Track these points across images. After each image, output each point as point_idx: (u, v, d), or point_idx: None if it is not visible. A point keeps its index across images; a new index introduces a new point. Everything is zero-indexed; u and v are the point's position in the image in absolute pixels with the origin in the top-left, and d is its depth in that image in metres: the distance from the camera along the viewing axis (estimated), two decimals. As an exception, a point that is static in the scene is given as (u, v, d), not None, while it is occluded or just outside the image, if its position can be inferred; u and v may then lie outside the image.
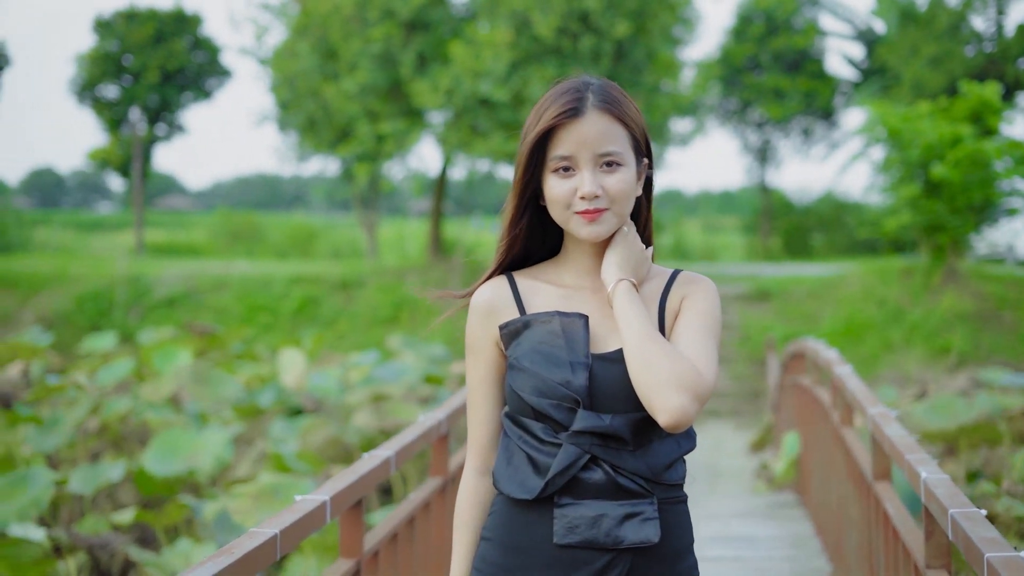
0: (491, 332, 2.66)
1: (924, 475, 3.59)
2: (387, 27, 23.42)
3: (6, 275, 26.11)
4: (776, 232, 37.03)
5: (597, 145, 2.55)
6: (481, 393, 2.69)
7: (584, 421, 2.49)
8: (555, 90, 2.63)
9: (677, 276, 2.69)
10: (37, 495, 8.63)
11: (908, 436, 4.28)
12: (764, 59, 35.64)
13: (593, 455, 2.51)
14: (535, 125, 2.59)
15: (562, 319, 2.58)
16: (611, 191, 2.56)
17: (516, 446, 2.58)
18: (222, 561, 2.70)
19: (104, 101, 38.32)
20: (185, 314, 23.96)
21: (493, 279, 2.71)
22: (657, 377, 2.40)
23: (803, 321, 21.28)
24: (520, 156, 2.63)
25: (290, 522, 3.09)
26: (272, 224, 42.75)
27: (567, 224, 2.60)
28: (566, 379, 2.50)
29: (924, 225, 21.00)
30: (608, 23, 23.08)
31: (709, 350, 2.52)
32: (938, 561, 3.66)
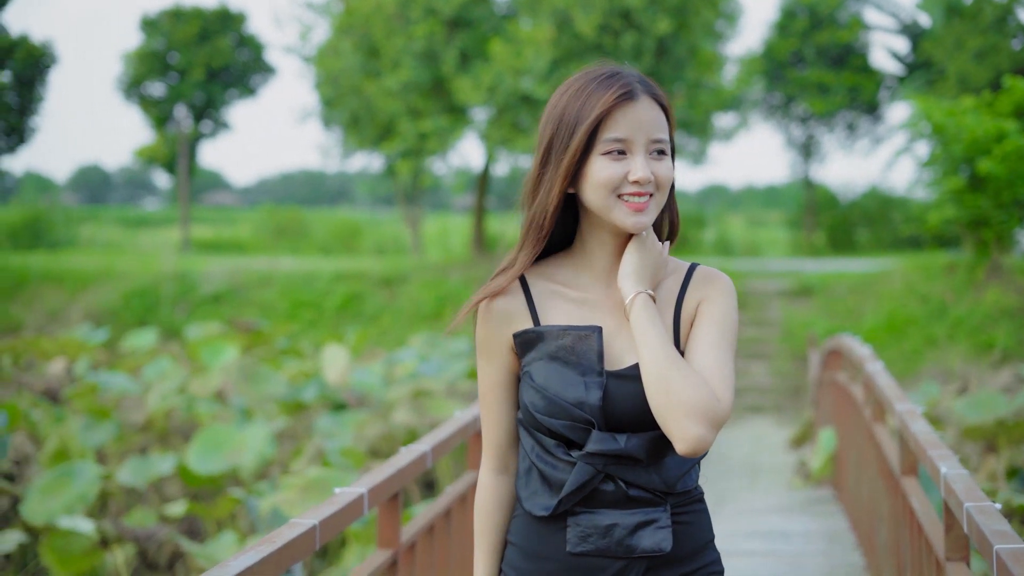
0: (505, 337, 2.59)
1: (944, 470, 3.69)
2: (429, 25, 23.58)
3: (54, 271, 26.48)
4: (820, 227, 36.90)
5: (651, 130, 2.51)
6: (495, 396, 2.64)
7: (598, 443, 2.46)
8: (593, 73, 2.57)
9: (694, 273, 2.62)
10: (84, 489, 8.84)
11: (932, 432, 4.38)
12: (808, 54, 35.51)
13: (607, 473, 2.49)
14: (583, 108, 2.50)
15: (575, 334, 2.51)
16: (661, 178, 2.52)
17: (531, 459, 2.56)
18: (264, 549, 2.85)
19: (150, 99, 38.74)
20: (230, 310, 24.23)
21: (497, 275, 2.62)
22: (676, 403, 2.36)
23: (846, 317, 21.26)
24: (573, 141, 2.50)
25: (329, 513, 3.23)
26: (317, 220, 43.04)
27: (610, 211, 2.51)
28: (579, 399, 2.46)
29: (968, 220, 20.92)
30: (650, 20, 23.13)
31: (727, 366, 2.47)
32: (957, 554, 3.76)
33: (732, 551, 7.37)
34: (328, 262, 28.42)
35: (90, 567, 8.70)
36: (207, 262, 28.02)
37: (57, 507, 8.67)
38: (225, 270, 26.15)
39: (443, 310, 23.37)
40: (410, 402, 12.17)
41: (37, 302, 25.33)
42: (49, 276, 26.21)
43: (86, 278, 26.02)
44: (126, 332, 22.99)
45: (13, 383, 15.13)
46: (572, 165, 2.50)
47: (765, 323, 21.67)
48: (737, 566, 6.98)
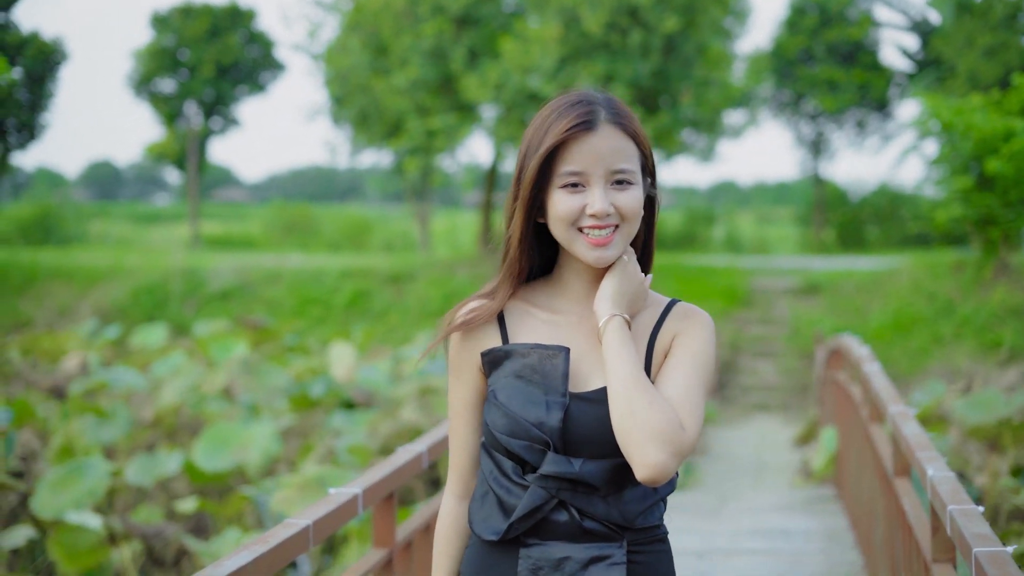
0: (474, 357, 2.54)
1: (931, 472, 3.74)
2: (438, 23, 23.63)
3: (64, 268, 26.59)
4: (830, 224, 36.89)
5: (610, 161, 2.42)
6: (463, 417, 2.58)
7: (552, 465, 2.38)
8: (560, 102, 2.49)
9: (672, 308, 2.54)
10: (92, 485, 8.92)
11: (923, 434, 4.43)
12: (818, 50, 35.48)
13: (561, 499, 2.41)
14: (542, 138, 2.44)
15: (541, 353, 2.45)
16: (622, 209, 2.43)
17: (488, 484, 2.49)
18: (257, 549, 2.91)
19: (160, 95, 38.88)
20: (239, 307, 24.31)
21: (475, 299, 2.58)
22: (640, 428, 2.28)
23: (852, 315, 21.27)
24: (526, 171, 2.46)
25: (323, 513, 3.29)
26: (326, 216, 43.12)
27: (571, 244, 2.45)
28: (539, 419, 2.39)
29: (976, 219, 20.91)
30: (657, 17, 23.15)
31: (696, 399, 2.39)
32: (943, 555, 3.81)
33: (734, 550, 7.43)
34: (336, 259, 28.49)
35: (97, 563, 8.78)
36: (216, 258, 28.11)
37: (66, 502, 8.75)
38: (233, 267, 26.24)
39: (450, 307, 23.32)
40: (417, 400, 12.23)
41: (46, 298, 25.44)
42: (59, 272, 26.32)
43: (95, 274, 26.12)
44: (134, 328, 23.08)
45: (21, 379, 15.23)
46: (529, 198, 2.46)
47: (772, 321, 21.70)
48: (738, 565, 7.04)
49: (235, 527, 9.11)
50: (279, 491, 8.23)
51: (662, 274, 23.52)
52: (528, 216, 2.48)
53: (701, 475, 12.69)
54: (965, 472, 10.37)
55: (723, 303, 21.79)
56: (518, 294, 2.57)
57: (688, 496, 10.16)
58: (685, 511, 8.89)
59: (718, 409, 17.74)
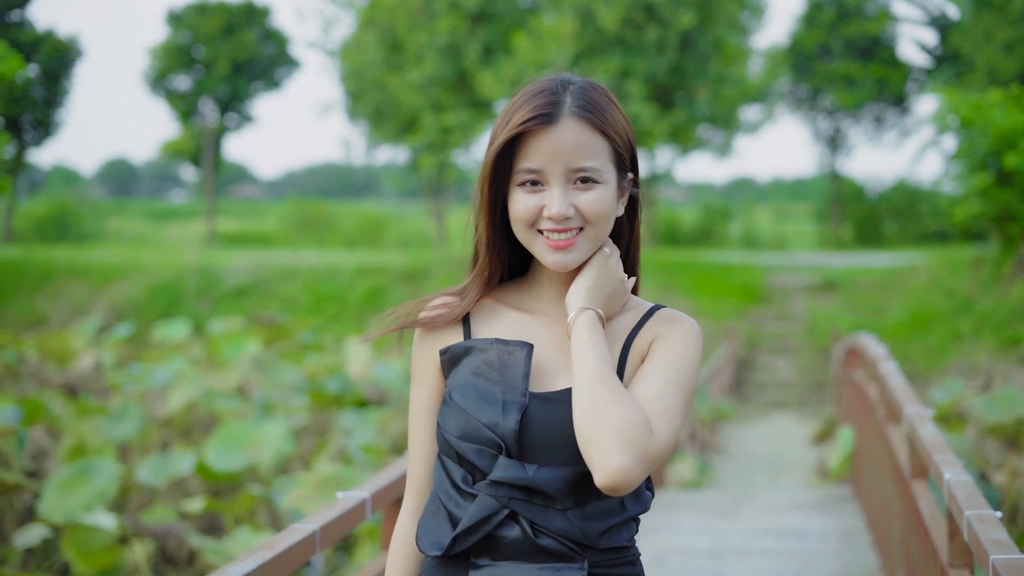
0: (434, 356, 2.31)
1: (947, 476, 3.68)
2: (453, 19, 23.62)
3: (79, 265, 26.63)
4: (848, 220, 36.76)
5: (570, 159, 2.18)
6: (421, 424, 2.33)
7: (503, 470, 2.14)
8: (528, 89, 2.25)
9: (655, 313, 2.30)
10: (102, 487, 8.89)
11: (940, 436, 4.36)
12: (835, 46, 35.35)
13: (512, 510, 2.16)
14: (502, 130, 2.21)
15: (501, 348, 2.23)
16: (585, 211, 2.19)
17: (438, 496, 2.24)
18: (262, 556, 2.86)
19: (176, 92, 38.99)
20: (254, 304, 24.32)
21: (443, 296, 2.35)
22: (602, 427, 2.04)
23: (870, 312, 21.18)
24: (484, 166, 2.24)
25: (330, 519, 3.24)
26: (342, 213, 43.15)
27: (531, 246, 2.23)
28: (494, 420, 2.16)
29: (995, 215, 20.80)
30: (673, 13, 23.09)
31: (671, 405, 2.13)
32: (960, 560, 3.75)
33: (748, 550, 7.37)
34: (351, 256, 28.47)
35: (111, 563, 8.76)
36: (231, 256, 28.12)
37: (76, 504, 8.73)
38: (249, 264, 26.25)
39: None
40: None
41: (62, 296, 25.48)
42: (74, 270, 26.36)
43: (110, 272, 26.15)
44: (149, 326, 23.11)
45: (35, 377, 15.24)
46: (488, 196, 2.24)
47: (789, 318, 21.62)
48: (753, 566, 6.98)
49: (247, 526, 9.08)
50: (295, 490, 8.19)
51: (677, 271, 23.45)
52: (491, 215, 2.26)
53: (717, 473, 12.64)
54: (985, 471, 10.30)
55: (740, 300, 21.71)
56: (489, 293, 2.35)
57: (703, 495, 10.10)
58: (699, 510, 8.83)
59: (734, 406, 17.67)
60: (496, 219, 2.27)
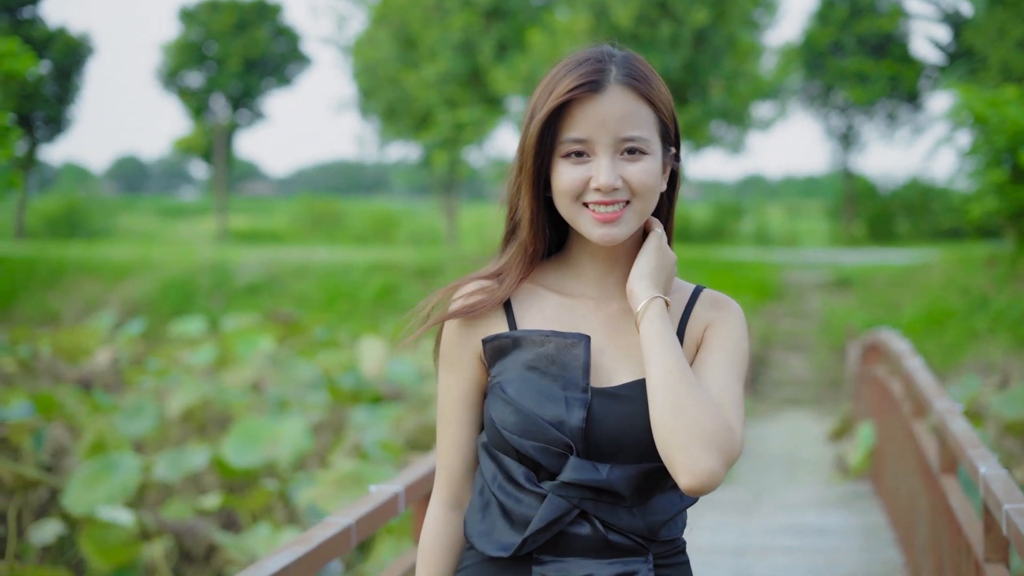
0: (473, 344, 2.22)
1: (983, 471, 3.66)
2: (466, 15, 23.61)
3: (91, 262, 26.65)
4: (860, 217, 36.68)
5: (618, 128, 2.12)
6: (455, 414, 2.25)
7: (576, 472, 2.09)
8: (570, 59, 2.19)
9: (700, 295, 2.26)
10: (124, 481, 8.90)
11: (972, 431, 4.33)
12: (848, 42, 35.28)
13: (583, 510, 2.12)
14: (546, 100, 2.15)
15: (559, 341, 2.14)
16: (633, 183, 2.13)
17: (491, 491, 2.18)
18: (299, 549, 2.85)
19: (188, 89, 39.05)
20: (267, 300, 24.33)
21: (475, 280, 2.26)
22: (687, 430, 2.00)
23: (885, 309, 21.12)
24: (528, 138, 2.17)
25: (364, 512, 3.22)
26: (353, 210, 43.17)
27: (576, 221, 2.16)
28: (558, 418, 2.09)
29: (1010, 212, 20.74)
30: (687, 9, 23.06)
31: (738, 397, 2.11)
32: (996, 555, 3.72)
33: (769, 547, 7.34)
34: (364, 253, 28.46)
35: (129, 559, 8.76)
36: (243, 253, 28.14)
37: (98, 498, 8.74)
38: (261, 260, 26.26)
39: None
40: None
41: (74, 293, 25.51)
42: (86, 266, 26.39)
43: (123, 269, 26.18)
44: (163, 323, 23.13)
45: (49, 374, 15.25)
46: (532, 169, 2.17)
47: (804, 315, 21.56)
48: (775, 563, 6.95)
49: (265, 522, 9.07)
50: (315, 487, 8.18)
51: (690, 267, 23.40)
52: (535, 189, 2.19)
53: (734, 471, 12.61)
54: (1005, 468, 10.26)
55: (754, 297, 21.66)
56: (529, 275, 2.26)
57: (722, 492, 10.06)
58: (720, 507, 8.79)
59: (750, 404, 17.63)
60: (539, 193, 2.20)
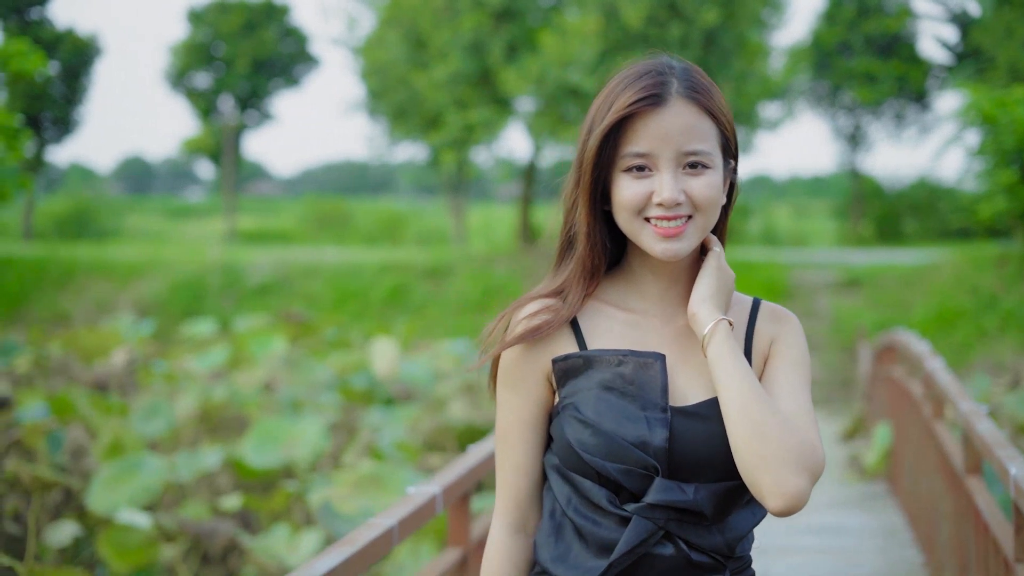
0: (540, 364, 2.17)
1: (1014, 471, 3.68)
2: (477, 16, 23.61)
3: (101, 262, 26.71)
4: (867, 217, 36.70)
5: (682, 142, 2.10)
6: (520, 436, 2.20)
7: (662, 493, 2.06)
8: (630, 71, 2.18)
9: (760, 308, 2.27)
10: (148, 482, 8.95)
11: (999, 432, 4.36)
12: (855, 42, 35.29)
13: (667, 530, 2.09)
14: (606, 113, 2.13)
15: (635, 360, 2.11)
16: (696, 198, 2.11)
17: (566, 515, 2.14)
18: (345, 551, 2.89)
19: (196, 90, 39.13)
20: (277, 301, 24.37)
21: (537, 300, 2.19)
22: (772, 452, 1.99)
23: (894, 309, 21.13)
24: (587, 151, 2.15)
25: (406, 513, 3.26)
26: (360, 210, 43.23)
27: (637, 236, 2.13)
28: (641, 438, 2.06)
29: (1020, 212, 20.75)
30: (696, 10, 23.09)
31: (812, 412, 2.10)
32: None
33: (788, 547, 7.37)
34: (373, 253, 28.51)
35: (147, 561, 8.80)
36: (253, 253, 28.20)
37: (121, 498, 8.79)
38: (271, 261, 26.31)
39: (490, 302, 23.40)
40: (464, 396, 12.21)
41: (85, 293, 25.57)
42: (96, 267, 26.45)
43: (133, 269, 26.24)
44: (173, 323, 23.20)
45: (63, 375, 15.30)
46: (591, 183, 2.14)
47: (813, 315, 21.58)
48: (794, 563, 6.98)
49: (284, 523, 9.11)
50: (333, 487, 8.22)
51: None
52: (592, 204, 2.16)
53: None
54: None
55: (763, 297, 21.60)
56: (588, 290, 2.21)
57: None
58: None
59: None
60: (596, 208, 2.17)
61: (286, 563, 7.86)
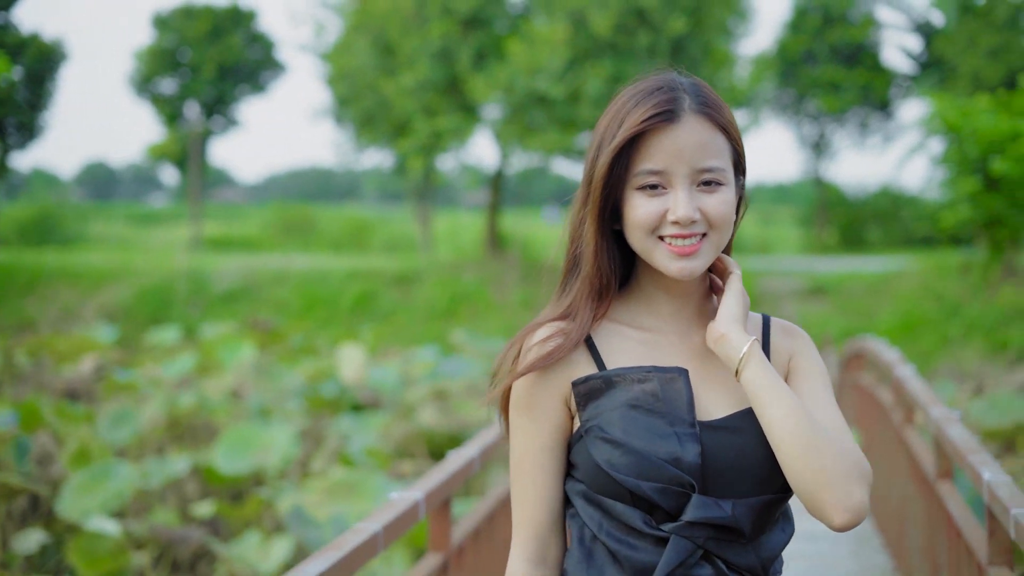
0: (558, 388, 2.11)
1: (987, 476, 3.72)
2: (445, 24, 23.66)
3: (68, 269, 26.56)
4: (832, 225, 36.95)
5: (697, 158, 2.05)
6: (538, 464, 2.12)
7: (700, 510, 2.00)
8: (639, 87, 2.10)
9: (772, 325, 2.22)
10: (119, 489, 8.92)
11: (971, 438, 4.41)
12: (820, 51, 35.56)
13: (706, 550, 2.03)
14: (616, 130, 2.06)
15: (660, 376, 2.07)
16: (711, 215, 2.05)
17: (596, 539, 2.08)
18: (332, 556, 2.90)
19: (161, 96, 38.98)
20: (244, 308, 24.30)
21: (545, 325, 2.13)
22: (831, 468, 1.97)
23: (860, 316, 21.29)
24: (597, 169, 2.08)
25: (391, 519, 3.28)
26: (325, 217, 43.18)
27: (651, 255, 2.08)
28: (673, 455, 2.00)
29: (983, 220, 20.93)
30: (664, 19, 23.20)
31: (846, 423, 2.08)
32: (1000, 558, 3.80)
33: (759, 552, 7.39)
34: (340, 260, 28.48)
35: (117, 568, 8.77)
36: (219, 260, 28.11)
37: (92, 505, 8.76)
38: (238, 268, 26.23)
39: (457, 308, 23.41)
40: (434, 403, 12.22)
41: (51, 300, 25.41)
42: (62, 274, 26.30)
43: (99, 276, 26.10)
44: (139, 330, 23.08)
45: (30, 382, 15.20)
46: (601, 201, 2.08)
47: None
48: (765, 567, 7.01)
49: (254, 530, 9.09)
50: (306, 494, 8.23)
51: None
52: (601, 223, 2.10)
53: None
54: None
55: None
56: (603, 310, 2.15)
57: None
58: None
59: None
60: (606, 227, 2.11)
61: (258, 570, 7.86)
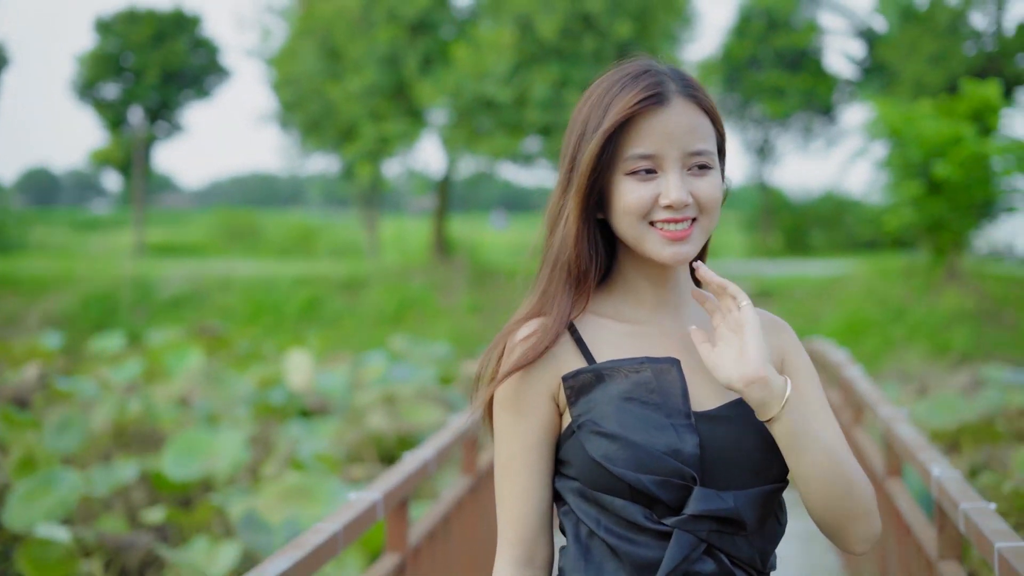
0: (546, 384, 2.04)
1: (936, 472, 3.79)
2: (392, 29, 23.65)
3: (9, 276, 26.29)
4: (776, 229, 37.25)
5: (687, 142, 1.99)
6: (526, 463, 2.06)
7: (703, 502, 1.94)
8: (620, 73, 2.04)
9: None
10: (64, 496, 8.85)
11: (919, 435, 4.49)
12: (765, 57, 35.85)
13: (708, 544, 1.97)
14: (603, 115, 2.00)
15: (654, 367, 2.00)
16: (702, 199, 2.01)
17: (593, 536, 2.02)
18: (293, 555, 2.91)
19: (104, 101, 38.67)
20: (190, 314, 24.15)
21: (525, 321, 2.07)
22: (862, 506, 1.97)
23: (806, 320, 21.47)
24: (582, 155, 2.01)
25: (350, 518, 3.29)
26: (270, 222, 42.97)
27: (641, 241, 2.01)
28: (672, 447, 1.94)
29: (926, 224, 21.17)
30: (610, 24, 23.32)
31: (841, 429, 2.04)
32: (950, 553, 3.87)
33: (709, 552, 7.46)
34: (286, 266, 28.37)
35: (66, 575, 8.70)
36: (164, 266, 27.92)
37: (38, 513, 8.68)
38: (183, 274, 26.05)
39: (405, 313, 23.39)
40: (383, 407, 12.20)
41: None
42: (4, 281, 26.01)
43: (42, 283, 25.84)
44: (84, 337, 22.86)
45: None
46: (587, 188, 2.01)
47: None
48: (715, 567, 7.07)
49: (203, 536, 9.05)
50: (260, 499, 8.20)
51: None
52: (585, 208, 2.02)
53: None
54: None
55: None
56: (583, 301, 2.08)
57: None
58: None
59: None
60: (589, 213, 2.04)
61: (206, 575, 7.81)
